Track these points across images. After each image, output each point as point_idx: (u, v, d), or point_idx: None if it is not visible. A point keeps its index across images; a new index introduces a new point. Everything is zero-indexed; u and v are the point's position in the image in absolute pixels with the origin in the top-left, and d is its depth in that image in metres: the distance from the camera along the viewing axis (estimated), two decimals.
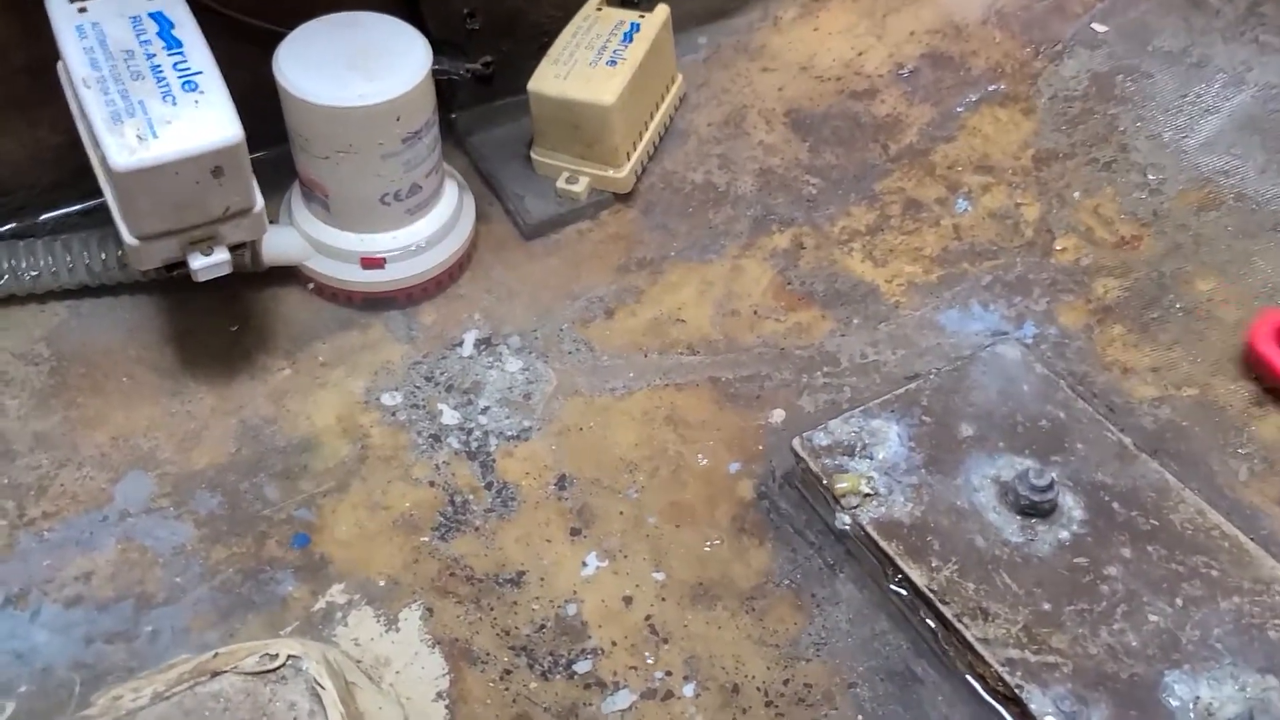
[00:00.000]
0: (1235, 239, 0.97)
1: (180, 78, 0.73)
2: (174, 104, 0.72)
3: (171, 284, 0.93)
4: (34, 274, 0.89)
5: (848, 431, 0.83)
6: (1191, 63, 1.09)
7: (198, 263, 0.78)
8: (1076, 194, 1.02)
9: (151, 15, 0.76)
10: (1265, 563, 0.75)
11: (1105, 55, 1.13)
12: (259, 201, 0.79)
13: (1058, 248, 0.99)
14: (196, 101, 0.73)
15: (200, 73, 0.74)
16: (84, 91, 0.72)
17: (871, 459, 0.82)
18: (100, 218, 0.95)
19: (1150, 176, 1.02)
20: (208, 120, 0.73)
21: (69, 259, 0.89)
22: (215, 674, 0.68)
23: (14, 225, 0.95)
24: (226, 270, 0.80)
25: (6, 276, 0.88)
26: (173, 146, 0.71)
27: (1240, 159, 1.02)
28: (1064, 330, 0.93)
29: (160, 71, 0.73)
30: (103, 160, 0.72)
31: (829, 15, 1.20)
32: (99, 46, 0.74)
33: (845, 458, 0.82)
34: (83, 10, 0.75)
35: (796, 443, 0.83)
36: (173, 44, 0.75)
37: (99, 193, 0.92)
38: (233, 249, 0.81)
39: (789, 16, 1.21)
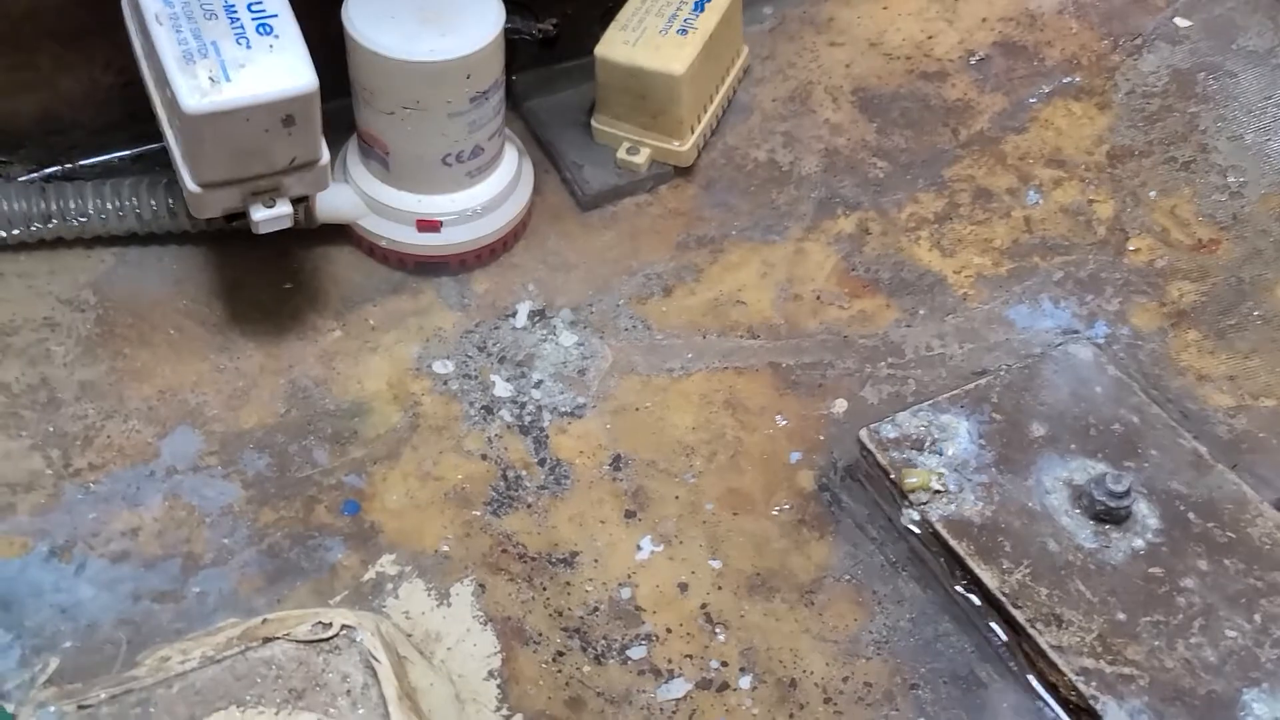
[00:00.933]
0: None
1: (255, 20, 0.70)
2: (248, 47, 0.70)
3: (220, 236, 0.90)
4: (83, 218, 0.86)
5: (916, 425, 0.81)
6: (1277, 63, 1.06)
7: (259, 214, 0.76)
8: (1152, 193, 0.99)
9: None
10: None
11: (1187, 51, 1.09)
12: (326, 155, 0.77)
13: (1131, 248, 0.96)
14: (271, 46, 0.70)
15: (275, 16, 0.71)
16: (155, 28, 0.69)
17: (941, 455, 0.79)
18: (150, 164, 0.93)
19: (1230, 179, 1.00)
20: (282, 66, 0.70)
21: (119, 204, 0.86)
22: (267, 640, 0.66)
23: (66, 165, 0.92)
24: (288, 224, 0.78)
25: (55, 220, 0.86)
26: (246, 91, 0.68)
27: None
28: (1137, 332, 0.90)
29: (234, 12, 0.70)
30: (170, 102, 0.70)
31: None
32: None
33: (914, 452, 0.80)
34: None
35: (864, 434, 0.81)
36: None
37: (151, 138, 0.90)
38: (294, 202, 0.78)
39: None
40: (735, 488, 0.82)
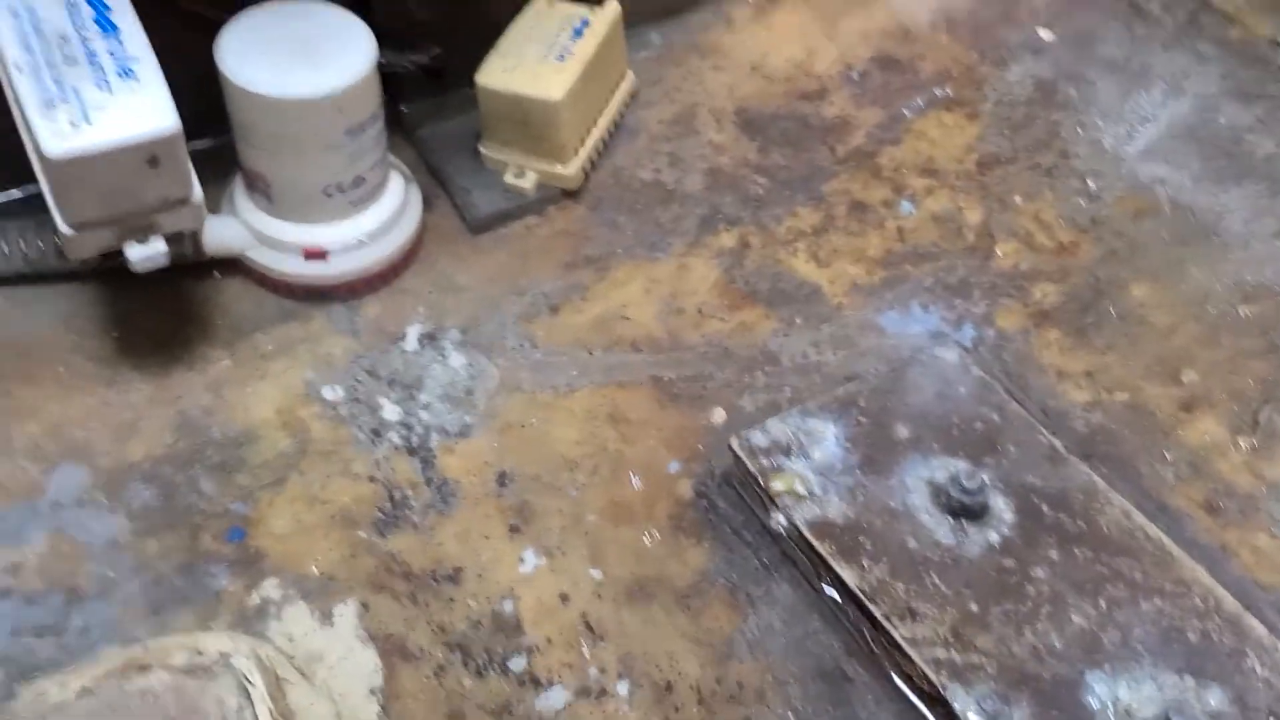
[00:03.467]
0: (1170, 246, 0.99)
1: (116, 64, 0.72)
2: (109, 91, 0.71)
3: (110, 273, 0.91)
4: None
5: (785, 431, 0.84)
6: (1133, 71, 1.11)
7: (134, 253, 0.78)
8: (1018, 199, 1.04)
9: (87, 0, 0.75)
10: (1186, 565, 0.77)
11: (1050, 62, 1.14)
12: (197, 192, 0.79)
13: (999, 252, 1.00)
14: (132, 89, 0.72)
15: (137, 59, 0.73)
16: (16, 75, 0.70)
17: (808, 459, 0.82)
18: (38, 205, 0.94)
19: (1090, 183, 1.04)
20: (143, 108, 0.72)
21: (5, 248, 0.87)
22: (143, 669, 0.67)
23: None
24: (164, 262, 0.79)
25: None
26: (106, 134, 0.70)
27: (1177, 167, 1.04)
28: (1002, 334, 0.94)
29: (95, 57, 0.72)
30: (36, 146, 0.71)
31: (781, 16, 1.21)
32: (33, 30, 0.72)
33: (782, 457, 0.83)
34: None
35: (734, 442, 0.84)
36: (109, 29, 0.74)
37: (30, 181, 0.91)
38: (170, 239, 0.80)
39: (742, 16, 1.21)
40: (617, 499, 0.85)
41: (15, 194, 0.95)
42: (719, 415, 0.90)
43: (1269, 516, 0.83)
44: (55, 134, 0.69)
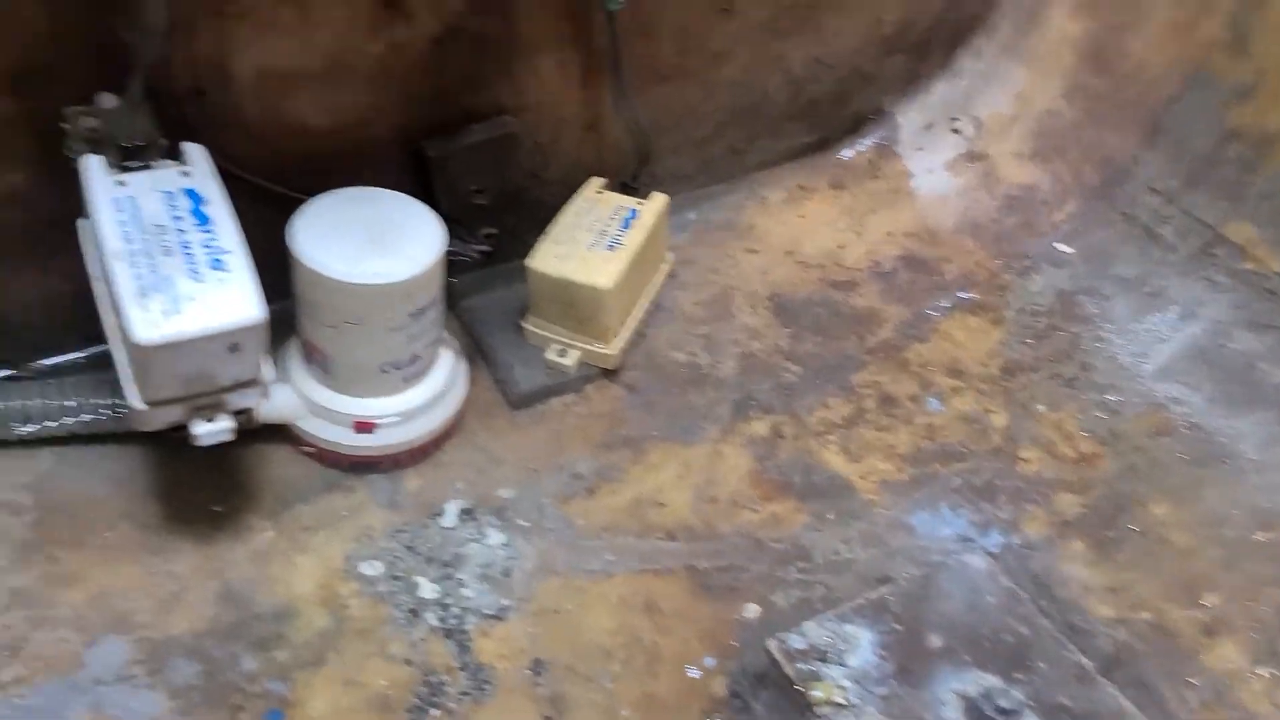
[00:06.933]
0: (1187, 466, 1.03)
1: (208, 255, 0.76)
2: (200, 281, 0.74)
3: (161, 435, 0.93)
4: (29, 428, 0.88)
5: (821, 635, 0.85)
6: (1148, 291, 1.17)
7: (201, 429, 0.80)
8: (1040, 407, 1.08)
9: (185, 192, 0.78)
10: None
11: (1069, 275, 1.20)
12: (266, 373, 0.81)
13: (1022, 457, 1.04)
14: (222, 279, 0.75)
15: (228, 252, 0.76)
16: (115, 264, 0.73)
17: (844, 666, 0.84)
18: (96, 366, 0.96)
19: (1109, 397, 1.09)
20: (231, 299, 0.75)
21: (62, 407, 0.89)
22: None
23: (11, 371, 0.94)
24: (229, 438, 0.81)
25: None
26: (196, 324, 0.73)
27: (1191, 389, 1.09)
28: (1027, 541, 0.97)
29: (189, 249, 0.75)
30: (123, 330, 0.74)
31: (814, 205, 1.27)
32: (132, 220, 0.76)
33: (819, 663, 0.84)
34: (121, 184, 0.77)
35: (772, 644, 0.85)
36: (203, 220, 0.77)
37: (97, 340, 0.93)
38: (235, 414, 0.82)
39: (776, 199, 1.27)
40: (650, 692, 0.85)
41: (78, 356, 0.97)
42: (752, 610, 0.91)
43: None
44: (148, 322, 0.72)
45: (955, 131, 1.28)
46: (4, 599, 0.82)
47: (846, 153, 1.30)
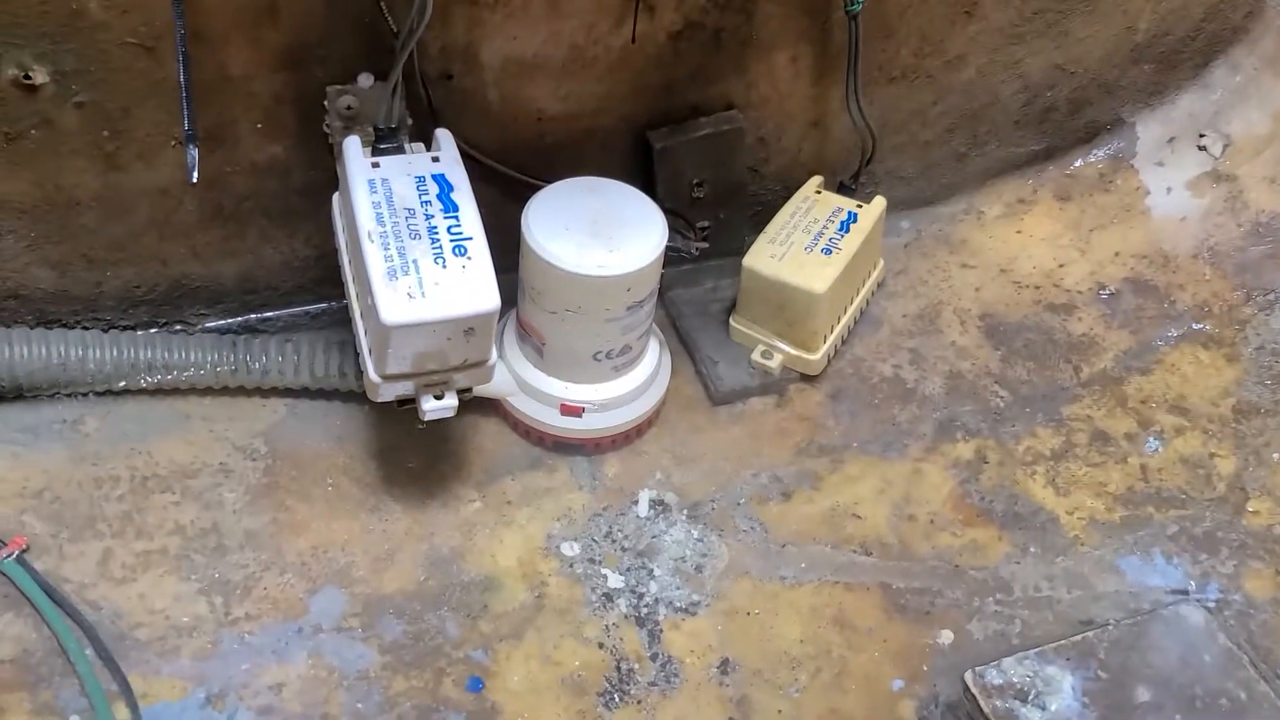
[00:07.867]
0: None
1: (453, 241, 0.78)
2: (444, 266, 0.77)
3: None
4: (263, 371, 0.94)
5: (1021, 673, 0.83)
6: None
7: (429, 405, 0.83)
8: (1276, 455, 1.01)
9: (434, 177, 0.81)
10: None
11: None
12: (495, 356, 0.84)
13: (1250, 509, 0.98)
14: (464, 266, 0.78)
15: (470, 239, 0.79)
16: (366, 244, 0.77)
17: (1044, 709, 0.81)
18: (328, 320, 1.02)
19: None
20: (472, 286, 0.77)
21: (295, 360, 0.94)
22: None
23: (249, 318, 1.01)
24: (452, 414, 0.84)
25: (237, 369, 0.94)
26: (439, 309, 0.76)
27: None
28: (1250, 599, 0.91)
29: (436, 233, 0.78)
30: (369, 307, 0.77)
31: (1034, 219, 1.22)
32: (385, 203, 0.79)
33: (1017, 702, 0.81)
34: (376, 166, 0.81)
35: (969, 676, 0.83)
36: (450, 207, 0.80)
37: (330, 298, 0.99)
38: (459, 392, 0.85)
39: (994, 213, 1.22)
40: (837, 708, 0.85)
41: (307, 308, 1.02)
42: (946, 637, 0.89)
43: None
44: (394, 304, 0.75)
45: (1201, 148, 1.20)
46: (239, 538, 0.88)
47: (1076, 163, 1.23)
